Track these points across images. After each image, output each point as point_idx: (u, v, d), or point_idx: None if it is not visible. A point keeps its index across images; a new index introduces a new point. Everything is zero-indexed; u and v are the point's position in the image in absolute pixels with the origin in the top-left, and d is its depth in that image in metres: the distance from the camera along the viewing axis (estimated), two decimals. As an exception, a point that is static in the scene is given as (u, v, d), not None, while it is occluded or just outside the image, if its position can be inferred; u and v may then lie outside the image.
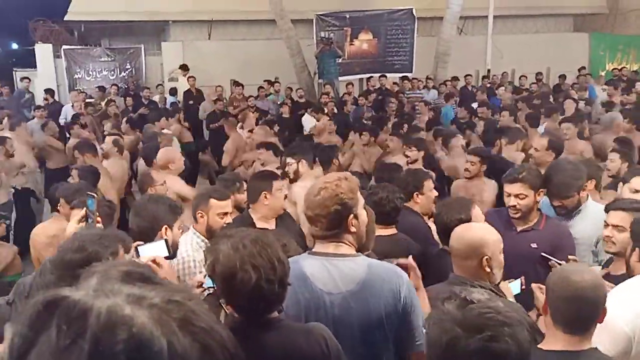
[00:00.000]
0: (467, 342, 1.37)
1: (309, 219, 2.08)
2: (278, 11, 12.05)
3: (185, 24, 14.41)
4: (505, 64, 13.86)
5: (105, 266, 0.74)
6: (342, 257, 2.04)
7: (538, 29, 16.32)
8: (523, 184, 3.16)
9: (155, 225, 2.64)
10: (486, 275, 2.31)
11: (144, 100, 11.16)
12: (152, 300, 0.66)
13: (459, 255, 2.36)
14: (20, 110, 10.50)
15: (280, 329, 1.79)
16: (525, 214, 3.17)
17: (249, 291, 1.69)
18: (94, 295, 0.66)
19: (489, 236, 2.35)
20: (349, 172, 2.21)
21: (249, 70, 12.69)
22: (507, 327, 1.38)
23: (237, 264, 1.70)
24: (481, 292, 1.53)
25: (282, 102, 10.46)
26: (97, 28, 14.62)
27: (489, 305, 1.44)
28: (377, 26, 13.78)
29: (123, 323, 0.62)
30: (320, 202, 2.02)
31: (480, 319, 1.39)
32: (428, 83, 12.18)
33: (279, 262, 1.74)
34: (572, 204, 3.31)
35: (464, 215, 2.78)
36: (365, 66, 13.70)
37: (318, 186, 2.06)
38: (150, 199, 2.85)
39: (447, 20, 12.73)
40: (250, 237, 1.78)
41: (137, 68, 13.90)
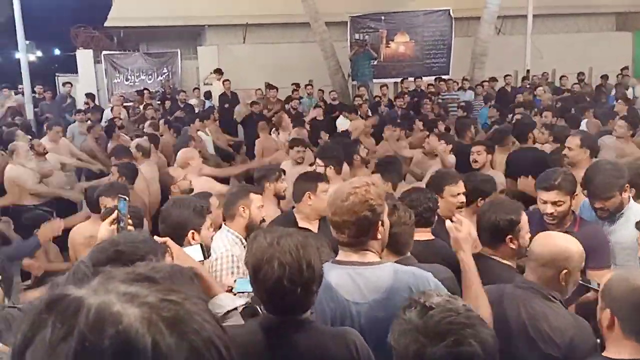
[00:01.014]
0: (432, 350, 1.38)
1: (335, 224, 2.03)
2: (312, 14, 12.05)
3: (221, 28, 14.57)
4: (545, 64, 13.50)
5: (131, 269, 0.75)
6: (367, 266, 2.01)
7: (579, 28, 15.85)
8: (559, 191, 3.10)
9: (180, 231, 2.60)
10: (560, 288, 2.22)
11: (179, 104, 11.31)
12: (144, 298, 0.65)
13: (537, 260, 2.25)
14: (62, 114, 10.79)
15: (310, 330, 1.78)
16: (561, 220, 3.12)
17: (269, 287, 1.71)
18: (92, 293, 0.66)
19: (574, 250, 2.23)
20: (375, 177, 2.12)
21: (283, 73, 12.73)
22: (468, 328, 1.38)
23: (265, 258, 1.72)
24: (440, 296, 1.51)
25: (316, 105, 10.43)
26: (136, 33, 14.95)
27: (448, 307, 1.43)
28: (413, 28, 13.65)
29: (111, 320, 0.62)
30: (349, 208, 1.97)
31: (441, 326, 1.39)
32: (464, 84, 11.96)
33: (308, 266, 1.72)
34: (613, 205, 3.19)
35: (515, 217, 2.69)
36: (401, 69, 13.58)
37: (346, 191, 1.99)
38: (174, 204, 2.79)
39: (485, 20, 12.48)
40: (290, 236, 1.79)
41: (174, 72, 14.15)
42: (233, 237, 3.07)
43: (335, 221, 2.01)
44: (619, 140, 5.60)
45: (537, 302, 2.17)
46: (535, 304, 2.17)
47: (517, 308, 2.20)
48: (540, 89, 10.93)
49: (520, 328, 2.16)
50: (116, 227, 2.19)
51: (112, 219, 2.22)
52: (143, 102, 11.32)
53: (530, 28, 13.68)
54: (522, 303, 2.19)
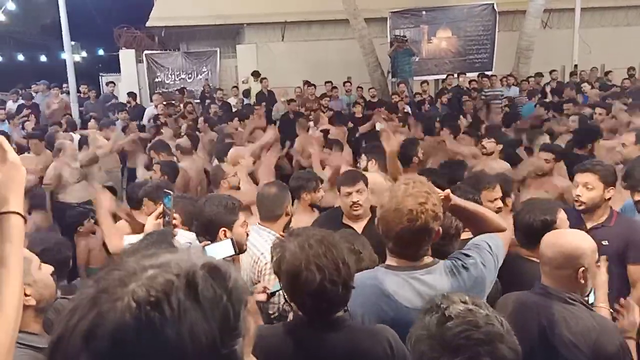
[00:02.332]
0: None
1: (398, 239, 1.93)
2: (351, 10, 11.92)
3: (260, 26, 14.62)
4: (593, 59, 12.99)
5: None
6: (422, 269, 1.97)
7: (629, 22, 15.17)
8: (593, 174, 3.08)
9: (211, 228, 2.60)
10: (579, 286, 2.14)
11: (217, 102, 11.38)
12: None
13: (550, 263, 2.17)
14: (106, 113, 11.00)
15: (345, 329, 1.79)
16: (589, 208, 3.08)
17: (312, 291, 1.71)
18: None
19: (586, 245, 2.16)
20: (428, 182, 2.02)
21: (321, 70, 12.65)
22: (486, 345, 1.35)
23: (303, 263, 1.71)
24: (463, 303, 1.43)
25: (355, 102, 10.31)
26: (176, 33, 15.16)
27: (468, 320, 1.38)
28: (455, 23, 13.35)
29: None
30: (419, 227, 1.89)
31: (458, 340, 1.36)
32: (508, 80, 11.59)
33: (344, 264, 1.74)
34: None
35: (549, 217, 2.62)
36: (443, 66, 13.31)
37: (412, 207, 1.87)
38: (206, 201, 2.77)
39: (531, 13, 12.07)
40: (316, 237, 1.78)
41: (213, 71, 14.27)
42: (273, 239, 2.98)
43: (399, 236, 1.93)
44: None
45: (555, 307, 2.11)
46: (554, 309, 2.10)
47: (536, 316, 2.13)
48: (586, 85, 10.47)
49: (541, 336, 2.09)
50: (162, 221, 2.25)
51: (158, 213, 2.28)
52: (183, 101, 11.45)
53: (578, 22, 13.19)
54: (541, 310, 2.13)
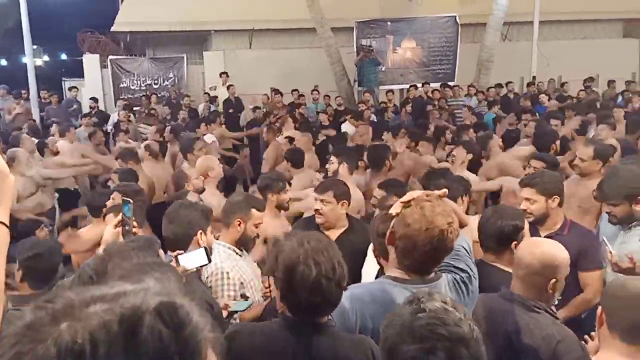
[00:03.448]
0: (406, 349, 1.41)
1: (416, 253, 1.89)
2: (318, 19, 12.07)
3: (227, 33, 14.61)
4: (551, 70, 13.46)
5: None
6: (428, 284, 1.95)
7: (586, 35, 15.80)
8: (531, 188, 3.18)
9: (190, 230, 2.63)
10: (547, 296, 2.19)
11: (184, 109, 11.33)
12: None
13: (527, 268, 2.19)
14: (68, 118, 10.82)
15: (331, 335, 1.80)
16: (538, 219, 3.15)
17: (308, 286, 1.71)
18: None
19: (563, 257, 2.20)
20: (443, 199, 2.00)
21: (289, 78, 12.74)
22: (447, 342, 1.38)
23: (300, 258, 1.73)
24: (443, 302, 1.48)
25: (323, 110, 10.44)
26: (142, 38, 15.02)
27: (439, 316, 1.43)
28: (419, 34, 13.66)
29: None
30: (444, 246, 1.87)
31: (422, 330, 1.41)
32: (470, 90, 11.93)
33: (339, 264, 1.77)
34: (622, 213, 3.14)
35: (520, 222, 2.69)
36: (408, 76, 13.58)
37: (439, 227, 1.83)
38: (182, 206, 2.82)
39: (490, 26, 12.47)
40: (314, 237, 1.84)
41: (180, 77, 14.19)
42: (225, 250, 3.02)
43: (424, 255, 1.89)
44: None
45: (521, 315, 2.16)
46: (519, 317, 2.16)
47: (502, 322, 2.18)
48: (543, 96, 10.87)
49: (506, 342, 2.15)
50: (121, 230, 2.19)
51: (117, 221, 2.22)
52: (149, 107, 11.35)
53: (537, 34, 13.64)
54: (507, 316, 2.19)
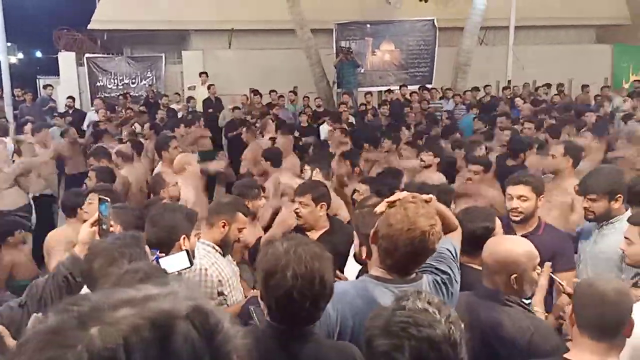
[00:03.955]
0: (379, 343, 1.47)
1: (397, 253, 1.91)
2: (298, 20, 12.10)
3: (206, 33, 14.55)
4: (526, 75, 13.72)
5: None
6: (410, 284, 1.97)
7: (560, 40, 16.14)
8: (525, 186, 3.21)
9: (174, 235, 2.58)
10: (515, 291, 2.26)
11: (162, 108, 11.25)
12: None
13: (488, 268, 2.31)
14: (42, 117, 10.64)
15: (312, 342, 1.77)
16: (525, 218, 3.20)
17: (279, 296, 1.68)
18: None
19: (520, 252, 2.27)
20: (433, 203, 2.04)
21: (268, 79, 12.74)
22: (414, 341, 1.43)
23: (280, 265, 1.68)
24: (427, 303, 1.51)
25: (302, 111, 10.47)
26: (120, 37, 14.86)
27: (414, 316, 1.47)
28: (398, 37, 13.80)
29: None
30: (425, 247, 1.91)
31: (396, 326, 1.46)
32: (447, 93, 12.09)
33: (321, 281, 1.68)
34: (599, 209, 3.21)
35: (490, 224, 2.73)
36: (387, 78, 13.70)
37: (421, 228, 1.87)
38: (166, 209, 2.79)
39: (468, 30, 12.66)
40: (307, 246, 1.74)
41: (158, 76, 14.08)
42: (205, 247, 3.02)
43: (405, 256, 1.92)
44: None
45: (494, 309, 2.22)
46: (493, 311, 2.22)
47: (477, 317, 2.23)
48: (519, 100, 11.08)
49: (482, 336, 2.20)
50: (98, 229, 2.16)
51: (93, 220, 2.18)
52: (127, 106, 11.23)
53: (512, 39, 13.89)
54: (482, 311, 2.24)
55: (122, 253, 1.96)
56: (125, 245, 1.99)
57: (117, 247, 1.98)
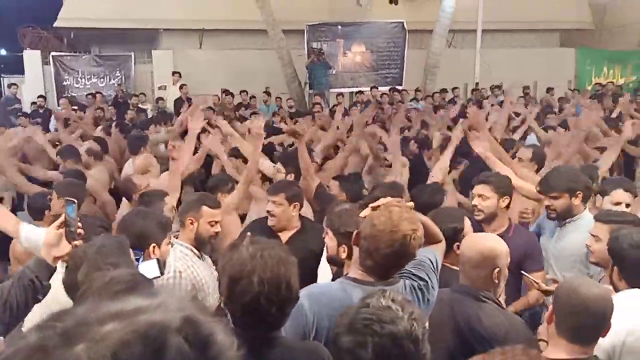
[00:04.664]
0: (344, 339, 1.51)
1: (378, 254, 1.92)
2: (270, 21, 12.11)
3: (177, 32, 14.40)
4: (493, 77, 14.02)
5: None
6: (387, 286, 1.95)
7: (526, 44, 16.54)
8: (486, 185, 3.26)
9: (143, 242, 2.49)
10: (493, 286, 2.31)
11: (132, 108, 11.10)
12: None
13: (470, 262, 2.33)
14: (7, 116, 10.39)
15: (280, 346, 1.75)
16: (487, 217, 3.23)
17: (245, 302, 1.66)
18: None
19: (502, 248, 2.34)
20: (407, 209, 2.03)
21: (240, 79, 12.69)
22: (377, 337, 1.47)
23: (245, 271, 1.66)
24: (392, 301, 1.55)
25: (275, 112, 10.47)
26: (87, 35, 14.57)
27: (378, 313, 1.51)
28: (369, 38, 13.94)
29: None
30: (406, 251, 1.93)
31: (359, 324, 1.50)
32: (417, 95, 12.28)
33: (287, 286, 1.68)
34: (561, 207, 3.29)
35: (459, 225, 2.76)
36: (358, 79, 13.82)
37: (403, 231, 1.89)
38: (138, 214, 2.69)
39: (437, 33, 12.89)
40: (273, 251, 1.73)
41: (127, 76, 13.87)
42: (182, 249, 2.98)
43: (385, 258, 1.93)
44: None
45: (470, 304, 2.27)
46: (468, 306, 2.26)
47: (452, 312, 2.28)
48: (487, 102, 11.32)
49: (457, 331, 2.25)
50: (64, 231, 2.03)
51: (59, 222, 2.04)
52: (95, 106, 11.03)
53: (480, 42, 14.17)
54: (457, 307, 2.29)
55: (109, 263, 1.91)
56: (111, 254, 1.94)
57: (102, 256, 1.93)
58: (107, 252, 1.95)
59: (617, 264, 2.38)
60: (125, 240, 2.12)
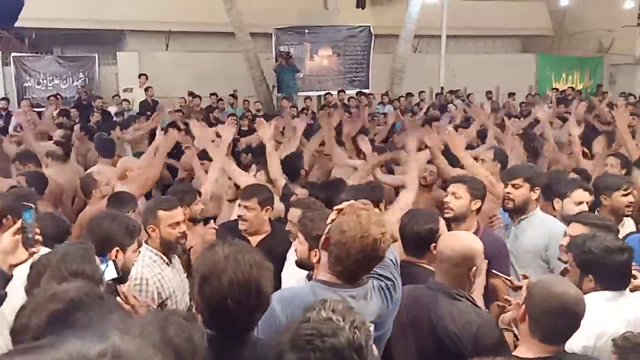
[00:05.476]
0: (287, 357, 1.48)
1: (349, 260, 1.92)
2: (237, 24, 12.10)
3: (143, 33, 14.24)
4: (457, 82, 14.32)
5: None
6: (357, 288, 1.98)
7: (488, 50, 16.99)
8: (462, 184, 3.29)
9: (107, 245, 2.43)
10: (469, 284, 2.35)
11: (96, 111, 10.91)
12: None
13: (449, 261, 2.34)
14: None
15: (254, 345, 1.75)
16: (457, 217, 3.24)
17: (213, 302, 1.66)
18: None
19: (479, 246, 2.37)
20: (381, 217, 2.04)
21: (207, 82, 12.63)
22: (319, 352, 1.45)
23: (217, 271, 1.65)
24: (332, 312, 1.54)
25: (242, 115, 10.45)
26: (50, 36, 14.27)
27: (319, 327, 1.49)
28: (336, 42, 14.08)
29: None
30: (377, 255, 1.93)
31: (300, 340, 1.48)
32: (383, 99, 12.46)
33: (258, 291, 1.66)
34: (520, 198, 3.37)
35: (434, 225, 2.78)
36: (325, 82, 13.92)
37: (374, 235, 1.89)
38: (107, 216, 2.63)
39: (403, 37, 13.12)
40: (248, 254, 1.72)
41: (91, 77, 13.62)
42: (151, 255, 2.94)
43: (356, 263, 1.92)
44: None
45: (444, 302, 2.29)
46: (442, 304, 2.29)
47: (426, 310, 2.31)
48: (452, 106, 11.56)
49: (431, 329, 2.28)
50: (21, 237, 1.96)
51: (15, 228, 1.96)
52: (57, 108, 10.80)
53: (444, 48, 14.45)
54: (431, 305, 2.31)
55: (73, 272, 1.87)
56: (75, 261, 1.90)
57: (65, 264, 1.88)
58: (71, 260, 1.90)
59: (591, 272, 2.35)
60: (91, 247, 2.07)
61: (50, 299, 1.52)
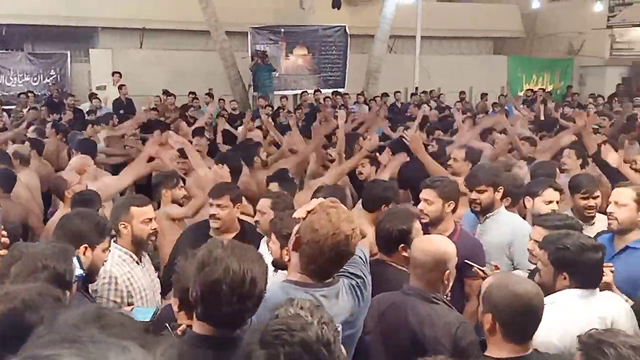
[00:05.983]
0: (257, 354, 1.50)
1: (322, 258, 1.93)
2: (212, 22, 12.05)
3: (116, 31, 14.04)
4: (432, 82, 14.51)
5: None
6: (328, 287, 2.00)
7: (462, 51, 17.25)
8: (432, 190, 3.29)
9: (75, 242, 2.39)
10: (444, 287, 2.39)
11: (68, 109, 10.73)
12: None
13: (423, 266, 2.36)
14: None
15: (240, 348, 1.74)
16: (432, 221, 3.26)
17: (207, 286, 1.68)
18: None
19: (452, 250, 2.40)
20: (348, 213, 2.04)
21: (182, 80, 12.55)
22: (288, 346, 1.47)
23: (214, 257, 1.69)
24: (300, 309, 1.57)
25: (218, 114, 10.41)
26: (20, 32, 13.96)
27: (287, 322, 1.51)
28: (311, 42, 14.13)
29: None
30: (349, 252, 1.96)
31: (269, 336, 1.49)
32: (359, 98, 12.55)
33: (252, 281, 1.69)
34: (486, 200, 3.48)
35: (406, 226, 2.80)
36: (300, 81, 13.96)
37: (345, 232, 1.91)
38: (77, 214, 2.63)
39: (378, 38, 13.25)
40: (247, 250, 1.77)
41: (63, 75, 13.40)
42: (120, 254, 2.92)
43: (328, 260, 1.94)
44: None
45: (422, 307, 2.32)
46: (420, 309, 2.31)
47: (405, 315, 2.33)
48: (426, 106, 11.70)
49: (410, 335, 2.31)
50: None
51: None
52: (27, 106, 10.60)
53: (419, 49, 14.62)
54: (409, 310, 2.33)
55: (45, 265, 1.88)
56: (52, 257, 1.91)
57: (42, 257, 1.89)
58: (48, 255, 1.92)
59: (566, 269, 2.35)
60: (71, 249, 2.08)
61: (1, 300, 1.54)
